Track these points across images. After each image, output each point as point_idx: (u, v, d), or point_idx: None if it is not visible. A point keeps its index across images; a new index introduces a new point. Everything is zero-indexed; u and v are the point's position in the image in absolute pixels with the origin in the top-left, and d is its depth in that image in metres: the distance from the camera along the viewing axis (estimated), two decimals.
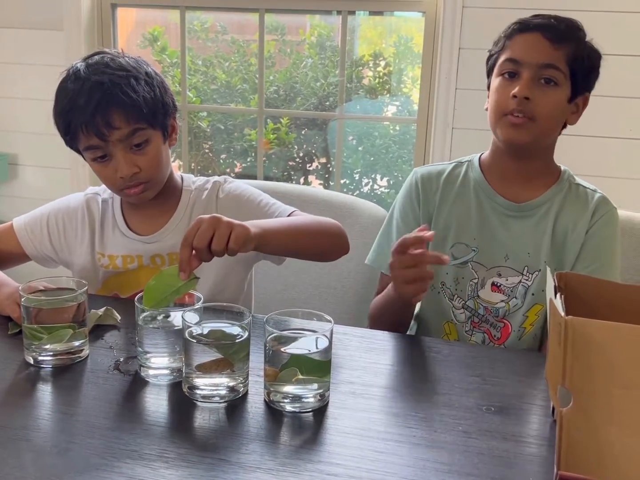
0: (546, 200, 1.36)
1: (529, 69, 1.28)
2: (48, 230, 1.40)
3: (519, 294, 1.36)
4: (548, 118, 1.30)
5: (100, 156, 1.27)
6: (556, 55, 1.28)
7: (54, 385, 1.01)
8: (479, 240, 1.38)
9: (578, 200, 1.37)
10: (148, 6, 2.90)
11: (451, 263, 1.38)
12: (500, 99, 1.31)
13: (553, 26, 1.29)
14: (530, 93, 1.26)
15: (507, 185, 1.38)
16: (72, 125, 1.25)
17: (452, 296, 1.40)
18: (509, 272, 1.37)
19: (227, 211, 1.36)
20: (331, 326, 0.96)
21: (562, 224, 1.35)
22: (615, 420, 0.81)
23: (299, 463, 0.83)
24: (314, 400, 0.96)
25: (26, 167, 2.85)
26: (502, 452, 0.87)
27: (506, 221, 1.37)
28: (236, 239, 1.05)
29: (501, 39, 1.34)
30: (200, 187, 1.42)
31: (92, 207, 1.41)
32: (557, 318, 0.86)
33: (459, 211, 1.40)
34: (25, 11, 2.68)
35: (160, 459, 0.83)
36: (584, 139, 2.31)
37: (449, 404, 0.99)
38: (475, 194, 1.40)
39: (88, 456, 0.83)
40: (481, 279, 1.38)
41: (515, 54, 1.29)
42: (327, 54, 3.04)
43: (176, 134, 1.38)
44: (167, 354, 1.02)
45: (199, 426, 0.91)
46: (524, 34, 1.30)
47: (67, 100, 1.25)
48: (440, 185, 1.42)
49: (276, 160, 3.19)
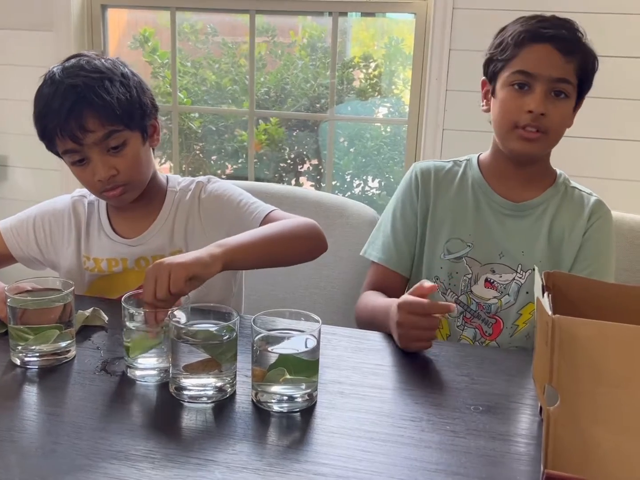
0: (543, 201, 1.38)
1: (543, 83, 1.28)
2: (34, 233, 1.40)
3: (511, 291, 1.37)
4: (560, 130, 1.33)
5: (78, 160, 1.27)
6: (568, 69, 1.29)
7: (40, 386, 1.00)
8: (474, 236, 1.39)
9: (574, 203, 1.39)
10: (138, 7, 2.89)
11: (445, 257, 1.40)
12: (511, 112, 1.31)
13: (564, 37, 1.29)
14: (545, 108, 1.28)
15: (505, 185, 1.40)
16: (47, 129, 1.25)
17: (445, 290, 1.41)
18: (503, 269, 1.38)
19: (209, 212, 1.37)
20: (319, 326, 0.96)
21: (559, 227, 1.37)
22: (602, 418, 0.81)
23: (286, 463, 0.83)
24: (302, 401, 0.96)
25: (16, 169, 2.83)
26: (489, 451, 0.87)
27: (502, 219, 1.39)
28: (174, 283, 1.02)
29: (508, 45, 1.32)
30: (184, 187, 1.41)
31: (78, 209, 1.41)
32: (544, 317, 0.86)
33: (455, 206, 1.41)
34: (14, 12, 2.67)
35: (146, 460, 0.82)
36: (590, 141, 2.32)
37: (437, 403, 0.99)
38: (473, 191, 1.41)
39: (73, 457, 0.82)
40: (475, 274, 1.39)
41: (528, 67, 1.29)
42: (318, 56, 3.03)
43: (158, 134, 1.37)
44: (154, 355, 1.02)
45: (186, 427, 0.91)
46: (536, 44, 1.30)
47: (42, 104, 1.25)
48: (440, 179, 1.43)
49: (267, 162, 3.19)
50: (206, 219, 1.37)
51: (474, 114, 1.41)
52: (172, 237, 1.36)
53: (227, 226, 1.33)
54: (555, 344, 0.84)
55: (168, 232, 1.36)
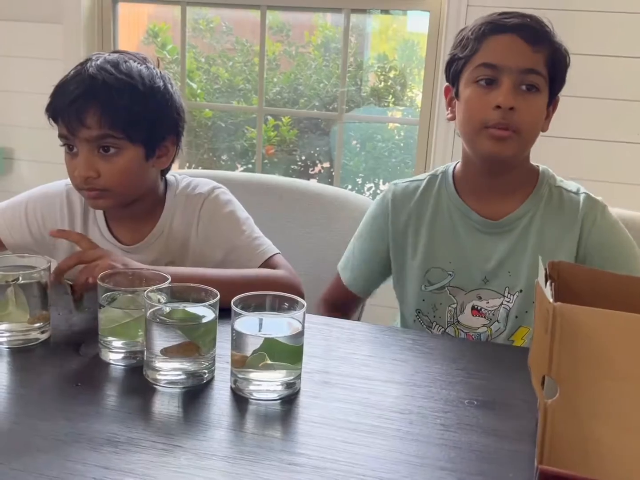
0: (525, 212, 1.26)
1: (510, 75, 1.16)
2: (27, 221, 1.34)
3: (500, 317, 1.27)
4: (533, 128, 1.21)
5: (68, 147, 1.23)
6: (536, 59, 1.18)
7: (10, 367, 0.95)
8: (454, 263, 1.28)
9: (562, 207, 1.26)
10: (149, 1, 2.87)
11: (427, 289, 1.30)
12: (478, 110, 1.19)
13: (529, 26, 1.18)
14: (515, 102, 1.16)
15: (481, 200, 1.28)
16: (52, 107, 1.22)
17: (430, 324, 1.31)
18: (489, 295, 1.27)
19: (208, 231, 1.30)
20: (303, 309, 0.90)
21: (549, 237, 1.25)
22: (604, 413, 0.75)
23: (259, 451, 0.77)
24: (283, 388, 0.89)
25: (22, 162, 2.81)
26: (481, 447, 0.80)
27: (483, 240, 1.27)
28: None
29: (469, 40, 1.21)
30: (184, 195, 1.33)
31: (72, 197, 1.34)
32: (544, 304, 0.80)
33: (433, 234, 1.30)
34: (23, 3, 2.65)
35: (109, 443, 0.76)
36: (591, 143, 2.25)
37: (429, 396, 0.92)
38: (449, 212, 1.29)
39: (31, 438, 0.77)
40: (460, 303, 1.28)
41: (492, 59, 1.17)
42: (332, 56, 2.99)
43: (168, 159, 1.29)
44: (127, 336, 0.96)
45: (157, 412, 0.85)
46: (498, 35, 1.18)
47: (62, 81, 1.22)
48: (414, 205, 1.32)
49: (278, 164, 3.14)
50: (202, 236, 1.31)
51: None
52: (167, 248, 1.30)
53: (227, 250, 1.29)
54: (556, 333, 0.78)
55: (163, 244, 1.30)
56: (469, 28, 1.23)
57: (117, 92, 1.18)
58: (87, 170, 1.20)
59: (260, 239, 1.31)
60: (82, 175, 1.20)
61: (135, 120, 1.20)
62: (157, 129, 1.24)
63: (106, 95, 1.18)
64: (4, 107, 2.76)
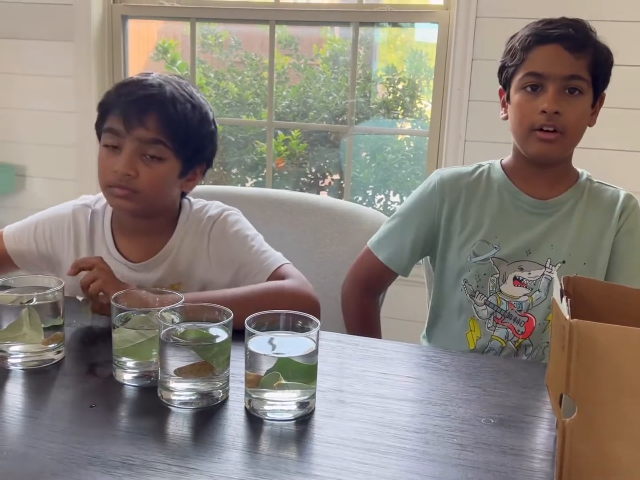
0: (570, 197, 1.37)
1: (554, 82, 1.27)
2: (35, 241, 1.34)
3: (542, 286, 1.35)
4: (577, 129, 1.31)
5: (112, 144, 1.23)
6: (578, 65, 1.27)
7: (24, 388, 0.95)
8: (500, 238, 1.37)
9: (603, 199, 1.37)
10: (159, 18, 2.89)
11: (473, 260, 1.37)
12: (526, 114, 1.30)
13: (571, 36, 1.28)
14: (559, 106, 1.26)
15: (531, 185, 1.38)
16: (112, 98, 1.25)
17: (473, 293, 1.39)
18: (531, 266, 1.35)
19: (219, 251, 1.30)
20: (317, 328, 0.90)
21: (590, 223, 1.35)
22: (624, 432, 0.73)
23: (274, 473, 0.76)
24: (297, 408, 0.89)
25: (33, 179, 2.82)
26: (499, 467, 0.80)
27: (529, 218, 1.37)
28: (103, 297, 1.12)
29: (517, 51, 1.32)
30: (195, 218, 1.34)
31: (78, 218, 1.34)
32: (561, 321, 0.79)
33: (483, 210, 1.39)
34: (34, 21, 2.68)
35: (123, 466, 0.76)
36: (625, 154, 2.24)
37: (445, 414, 0.91)
38: (499, 192, 1.39)
39: (46, 461, 0.76)
40: (503, 273, 1.36)
41: (538, 68, 1.28)
42: (341, 68, 2.99)
43: (194, 184, 1.33)
44: (141, 356, 0.96)
45: (172, 433, 0.85)
46: (543, 46, 1.29)
47: (129, 79, 1.27)
48: (466, 185, 1.41)
49: (288, 176, 3.14)
50: (214, 257, 1.31)
51: (497, 124, 1.39)
52: (174, 269, 1.30)
53: (236, 267, 1.29)
54: (573, 350, 0.76)
55: (170, 264, 1.30)
56: (517, 38, 1.33)
57: (181, 106, 1.23)
58: (128, 167, 1.21)
59: (268, 252, 1.31)
60: (122, 171, 1.21)
61: (188, 136, 1.24)
62: (199, 152, 1.29)
63: (170, 104, 1.22)
64: (16, 124, 2.78)
